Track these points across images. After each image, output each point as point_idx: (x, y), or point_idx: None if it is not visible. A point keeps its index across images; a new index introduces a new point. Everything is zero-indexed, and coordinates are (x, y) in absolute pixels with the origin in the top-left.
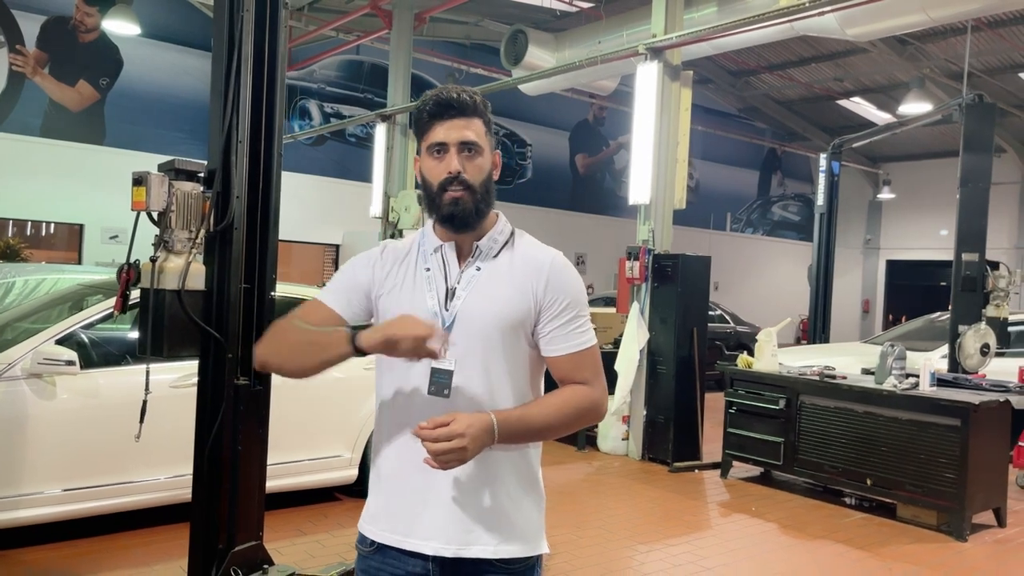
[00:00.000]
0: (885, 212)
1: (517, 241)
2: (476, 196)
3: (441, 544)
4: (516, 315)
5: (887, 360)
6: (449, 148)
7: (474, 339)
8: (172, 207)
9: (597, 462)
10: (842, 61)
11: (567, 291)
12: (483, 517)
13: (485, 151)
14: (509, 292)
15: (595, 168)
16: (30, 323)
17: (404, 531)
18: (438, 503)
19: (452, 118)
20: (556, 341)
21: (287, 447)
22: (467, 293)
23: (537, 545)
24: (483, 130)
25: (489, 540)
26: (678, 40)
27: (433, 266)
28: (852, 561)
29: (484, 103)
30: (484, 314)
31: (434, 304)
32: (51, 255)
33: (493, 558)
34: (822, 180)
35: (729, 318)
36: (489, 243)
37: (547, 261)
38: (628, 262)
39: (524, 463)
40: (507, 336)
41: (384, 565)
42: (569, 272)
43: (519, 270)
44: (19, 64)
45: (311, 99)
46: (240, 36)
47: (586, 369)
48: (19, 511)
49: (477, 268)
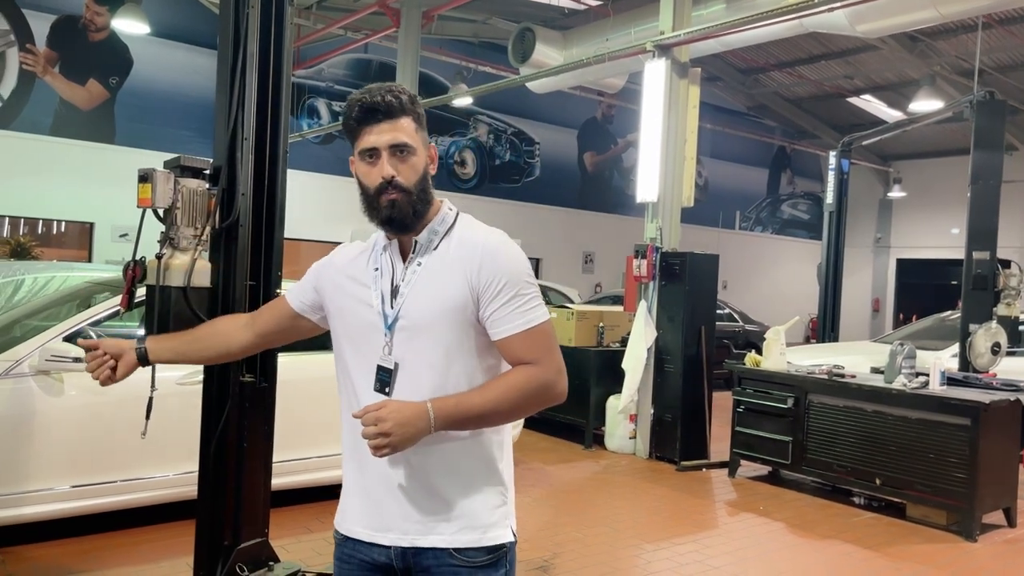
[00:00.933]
0: (896, 210)
1: (457, 228)
2: (412, 197)
3: (398, 535)
4: (456, 305)
5: (897, 359)
6: (381, 153)
7: (417, 335)
8: (178, 204)
9: (604, 460)
10: (852, 58)
11: (503, 271)
12: (438, 507)
13: (418, 149)
14: (445, 283)
15: (603, 166)
16: (39, 320)
17: (365, 523)
18: (393, 495)
19: (379, 122)
20: (499, 323)
21: (293, 444)
22: (409, 290)
23: (498, 534)
24: (413, 128)
25: (445, 529)
26: (686, 37)
27: (382, 265)
28: (860, 561)
29: (411, 99)
30: (424, 309)
31: (378, 303)
32: (62, 253)
33: (450, 547)
34: (831, 178)
35: (737, 317)
36: (428, 236)
37: (480, 244)
38: (635, 260)
39: (481, 452)
40: (451, 327)
41: (355, 552)
42: (504, 251)
43: (454, 258)
44: (30, 63)
45: (319, 97)
46: (245, 33)
47: (535, 348)
48: (27, 507)
49: (418, 264)
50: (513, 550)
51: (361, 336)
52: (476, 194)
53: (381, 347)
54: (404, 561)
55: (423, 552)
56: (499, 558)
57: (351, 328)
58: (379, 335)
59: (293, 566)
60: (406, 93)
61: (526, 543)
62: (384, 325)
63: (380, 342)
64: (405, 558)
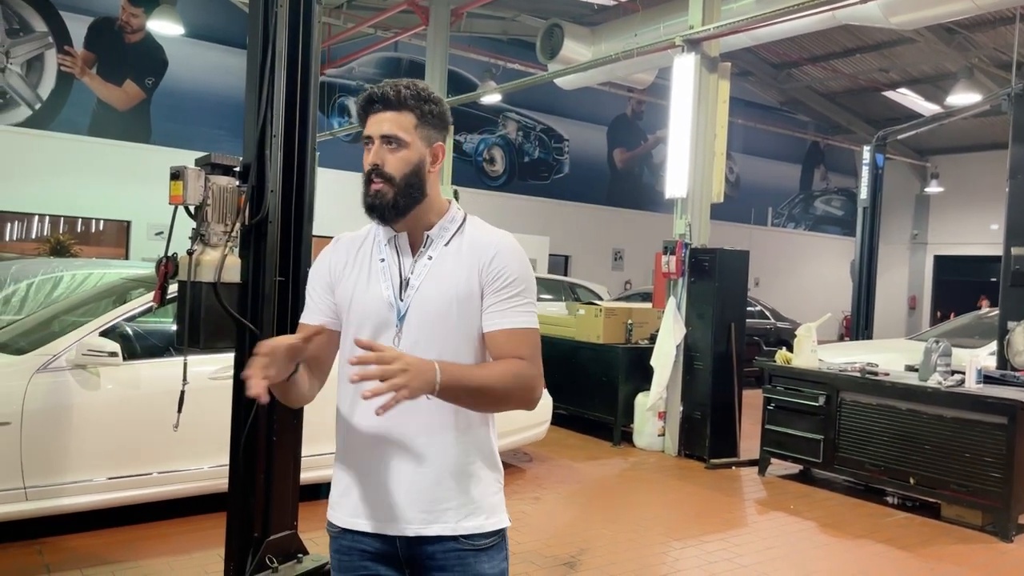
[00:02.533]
0: (933, 206)
1: (468, 227)
2: (396, 188)
3: (403, 524)
4: (466, 294)
5: (931, 357)
6: (373, 141)
7: (427, 327)
8: (208, 201)
9: (633, 458)
10: (888, 51)
11: (513, 268)
12: (442, 496)
13: (411, 144)
14: (457, 277)
15: (633, 163)
16: (76, 316)
17: (368, 515)
18: (395, 486)
19: (377, 112)
20: (495, 316)
21: (321, 438)
22: (420, 282)
23: (500, 519)
24: (412, 123)
25: (450, 517)
26: (715, 31)
27: (388, 256)
28: (893, 561)
29: (417, 96)
30: (436, 301)
31: (390, 295)
32: (100, 251)
33: (455, 534)
34: (865, 173)
35: (769, 314)
36: (440, 232)
37: (495, 241)
38: (664, 257)
39: (478, 439)
40: (461, 318)
41: (355, 543)
42: (517, 252)
43: (468, 253)
44: (67, 65)
45: (350, 96)
46: (274, 33)
47: (523, 348)
48: (65, 498)
49: (429, 258)
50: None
51: (371, 327)
52: (505, 191)
53: (390, 339)
54: (409, 550)
55: (428, 540)
56: (500, 540)
57: (363, 320)
58: (388, 327)
59: (321, 558)
60: (414, 89)
61: (553, 539)
62: (396, 317)
63: (389, 334)
64: (410, 547)
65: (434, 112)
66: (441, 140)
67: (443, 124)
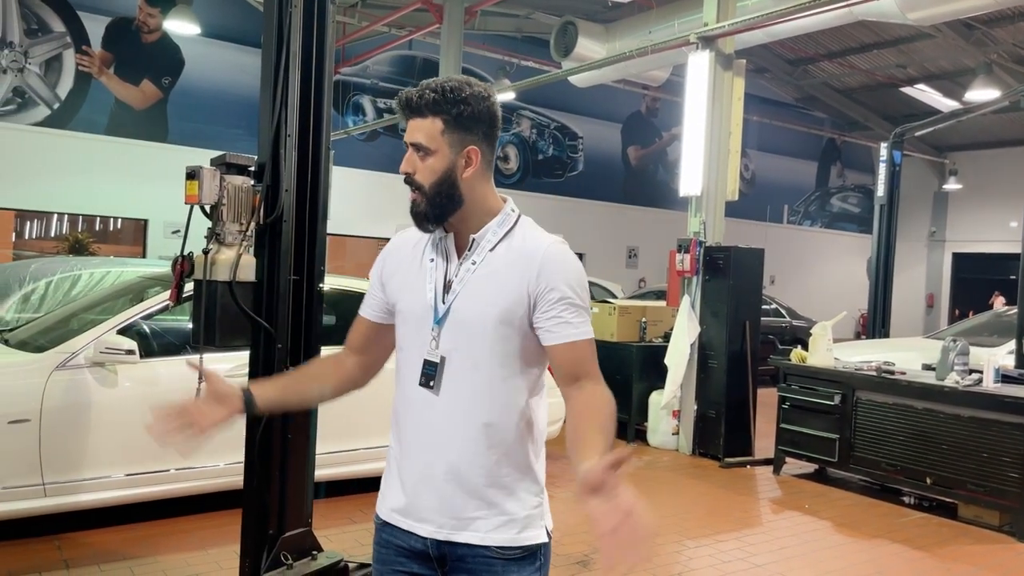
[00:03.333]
0: (951, 203)
1: (517, 231)
2: (426, 198)
3: (434, 528)
4: (509, 308)
5: (949, 355)
6: (408, 148)
7: (463, 334)
8: (223, 200)
9: (647, 456)
10: (906, 47)
11: (561, 279)
12: (474, 504)
13: (438, 152)
14: (501, 286)
15: (648, 160)
16: (94, 314)
17: (403, 511)
18: (432, 488)
19: (410, 118)
20: (552, 331)
21: (337, 437)
22: (461, 288)
23: (533, 534)
24: (439, 128)
25: (480, 527)
26: (730, 28)
27: (436, 257)
28: (909, 561)
29: (443, 99)
30: (474, 310)
31: (431, 297)
32: (118, 249)
33: (483, 544)
34: (883, 170)
35: (785, 312)
36: (486, 235)
37: (541, 250)
38: (678, 255)
39: (519, 453)
40: (497, 330)
41: (393, 538)
42: (564, 260)
43: (513, 262)
44: (85, 64)
45: (364, 95)
46: (288, 32)
47: (587, 360)
48: (83, 495)
49: (472, 263)
50: (548, 550)
51: (413, 327)
52: (519, 189)
53: (428, 341)
54: (440, 550)
55: (458, 545)
56: (533, 551)
57: (406, 317)
58: (427, 329)
59: (336, 555)
60: (440, 91)
61: (567, 537)
62: (433, 319)
63: (427, 336)
64: (440, 547)
65: (466, 113)
66: (477, 142)
67: (482, 123)
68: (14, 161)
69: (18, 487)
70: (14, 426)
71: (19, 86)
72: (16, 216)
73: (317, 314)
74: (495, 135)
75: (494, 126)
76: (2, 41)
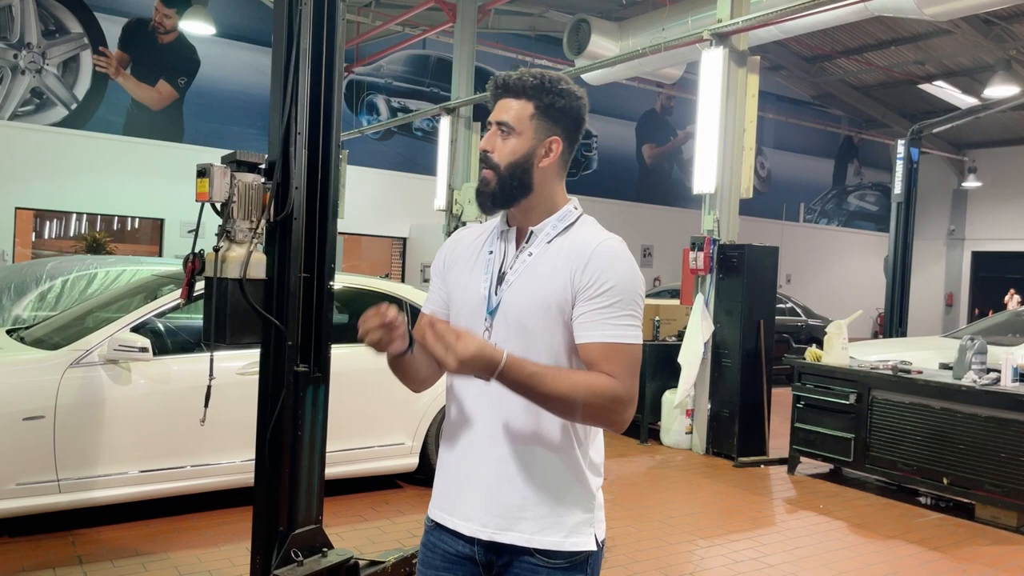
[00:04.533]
0: (971, 201)
1: (577, 227)
2: (500, 177)
3: (478, 526)
4: (553, 301)
5: (966, 354)
6: (492, 125)
7: (513, 324)
8: (234, 198)
9: (660, 456)
10: (924, 44)
11: (608, 275)
12: (521, 505)
13: (523, 134)
14: (549, 278)
15: (662, 158)
16: (108, 312)
17: (449, 510)
18: (479, 486)
19: (502, 98)
20: (586, 327)
21: (348, 434)
22: (515, 279)
23: (580, 541)
24: (528, 113)
25: (525, 528)
26: (744, 25)
27: (496, 249)
28: (925, 562)
29: (540, 85)
30: (522, 301)
31: (485, 288)
32: (135, 248)
33: (528, 546)
34: (900, 168)
35: (800, 311)
36: (545, 228)
37: (594, 244)
38: (692, 253)
39: (568, 455)
40: (546, 324)
41: (440, 542)
42: (617, 257)
43: (564, 255)
44: (102, 65)
45: (378, 94)
46: (298, 31)
47: (616, 364)
48: (98, 491)
49: (529, 254)
50: (597, 560)
51: (467, 318)
52: None
53: (481, 332)
54: (486, 556)
55: (503, 548)
56: (579, 562)
57: (461, 308)
58: (480, 319)
59: (346, 553)
60: (540, 78)
61: None
62: (486, 310)
63: (480, 326)
64: (487, 553)
65: (557, 105)
66: (560, 135)
67: (569, 119)
68: (33, 161)
69: (33, 483)
70: (29, 423)
71: (37, 87)
72: (35, 216)
73: (327, 311)
74: (577, 137)
75: (579, 127)
76: (20, 42)
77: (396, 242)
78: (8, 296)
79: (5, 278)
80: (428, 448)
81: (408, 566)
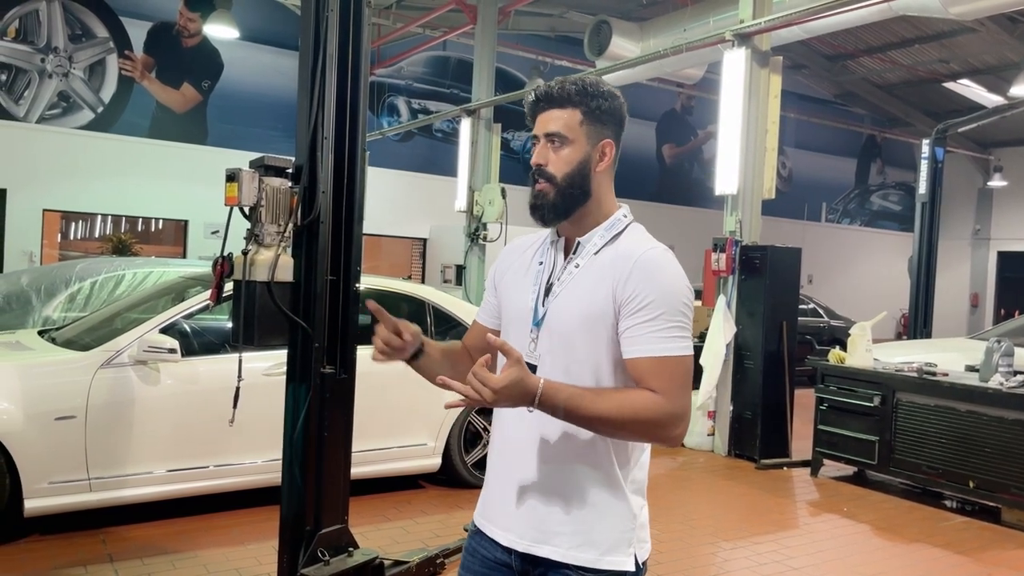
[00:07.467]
0: (996, 200)
1: (624, 236)
2: (557, 188)
3: (515, 537)
4: (595, 314)
5: (993, 356)
6: (539, 140)
7: (557, 337)
8: (262, 202)
9: (681, 457)
10: (948, 42)
11: (652, 287)
12: (558, 519)
13: (576, 142)
14: (593, 290)
15: (683, 158)
16: (137, 313)
17: (491, 518)
18: (519, 498)
19: (543, 111)
20: (631, 342)
21: (372, 435)
22: (562, 290)
23: (618, 560)
24: (577, 120)
25: (561, 543)
26: (767, 25)
27: (546, 260)
28: (950, 566)
29: (584, 91)
30: (565, 313)
31: (532, 299)
32: (159, 250)
33: (563, 561)
34: (924, 167)
35: (823, 312)
36: (592, 239)
37: (636, 255)
38: (714, 254)
39: (608, 471)
40: (589, 337)
41: (480, 547)
42: (661, 268)
43: (609, 267)
44: (128, 69)
45: (399, 96)
46: (325, 36)
47: (662, 379)
48: (127, 490)
49: (576, 265)
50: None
51: (515, 330)
52: None
53: (528, 343)
54: (523, 565)
55: (539, 560)
56: None
57: (510, 317)
58: (526, 330)
59: (371, 552)
60: (580, 84)
61: None
62: (532, 321)
63: (527, 338)
64: (524, 563)
65: (603, 108)
66: (611, 137)
67: (615, 120)
68: (60, 164)
69: (65, 482)
70: (61, 422)
71: (64, 90)
72: (62, 217)
73: (353, 314)
74: (621, 136)
75: (622, 126)
76: (47, 46)
77: (416, 243)
78: (39, 297)
79: (36, 280)
80: (450, 449)
81: (432, 566)
